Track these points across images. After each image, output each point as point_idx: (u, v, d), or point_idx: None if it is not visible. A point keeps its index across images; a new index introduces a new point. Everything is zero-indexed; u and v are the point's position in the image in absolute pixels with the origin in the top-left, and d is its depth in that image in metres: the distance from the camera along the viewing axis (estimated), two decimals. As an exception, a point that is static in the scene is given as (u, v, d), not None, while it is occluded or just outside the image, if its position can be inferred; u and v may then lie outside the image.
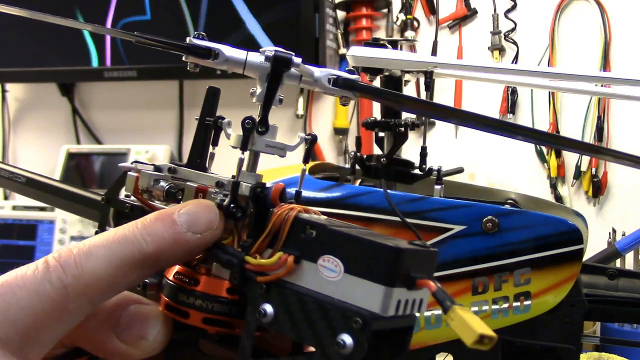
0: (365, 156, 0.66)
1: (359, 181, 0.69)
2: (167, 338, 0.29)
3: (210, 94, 0.32)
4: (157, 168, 0.32)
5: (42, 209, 1.41)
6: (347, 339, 0.25)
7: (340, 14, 1.45)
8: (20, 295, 0.25)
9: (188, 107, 1.63)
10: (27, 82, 1.73)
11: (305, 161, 0.32)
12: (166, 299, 0.30)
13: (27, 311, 0.24)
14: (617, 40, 1.29)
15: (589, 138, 1.30)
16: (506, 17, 1.36)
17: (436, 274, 0.56)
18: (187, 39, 0.31)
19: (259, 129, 0.31)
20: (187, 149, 1.82)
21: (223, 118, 0.32)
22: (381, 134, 0.67)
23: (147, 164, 0.33)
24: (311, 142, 0.32)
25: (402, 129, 0.65)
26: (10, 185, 0.67)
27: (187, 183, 0.31)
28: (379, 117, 0.67)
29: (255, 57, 0.32)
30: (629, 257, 1.14)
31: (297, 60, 0.31)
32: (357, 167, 0.66)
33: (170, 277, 0.30)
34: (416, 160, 0.65)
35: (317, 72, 0.33)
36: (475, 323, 0.23)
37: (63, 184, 0.63)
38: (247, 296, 0.28)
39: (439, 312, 0.58)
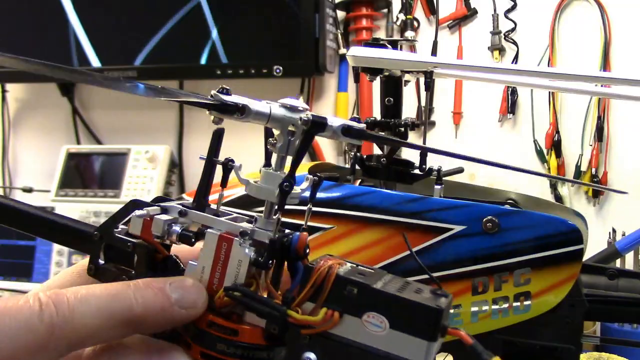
0: (365, 156, 0.66)
1: (359, 181, 0.69)
2: None
3: (215, 136, 0.33)
4: (164, 209, 0.33)
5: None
6: None
7: (340, 14, 1.45)
8: (9, 325, 0.25)
9: (188, 107, 1.63)
10: (27, 82, 1.73)
11: (311, 199, 0.34)
12: (204, 349, 0.30)
13: (12, 341, 0.25)
14: (617, 40, 1.29)
15: (589, 138, 1.30)
16: (506, 17, 1.36)
17: (436, 274, 0.56)
18: (212, 93, 0.32)
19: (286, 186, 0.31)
20: (187, 149, 1.83)
21: (232, 161, 0.33)
22: (381, 134, 0.67)
23: (152, 205, 0.33)
24: (315, 185, 0.34)
25: (402, 129, 0.65)
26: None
27: (208, 230, 0.31)
28: (379, 117, 0.67)
29: (277, 110, 0.32)
30: (629, 257, 1.14)
31: (335, 123, 0.33)
32: (357, 167, 0.66)
33: (205, 327, 0.31)
34: (416, 160, 0.65)
35: (332, 121, 0.33)
36: None
37: (53, 216, 0.62)
38: (287, 344, 0.30)
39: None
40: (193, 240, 0.32)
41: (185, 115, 1.64)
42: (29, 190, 1.59)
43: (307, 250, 0.32)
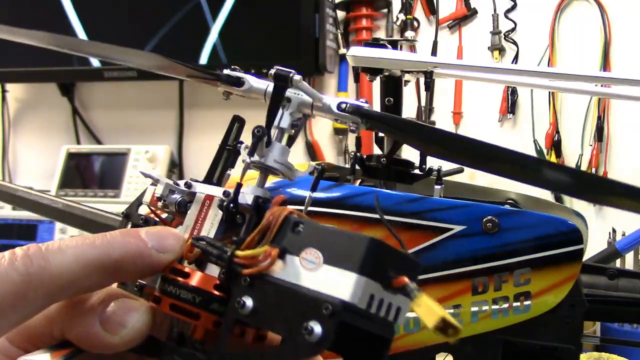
0: (365, 156, 0.66)
1: (359, 181, 0.69)
2: (146, 329, 0.29)
3: (233, 121, 0.34)
4: (176, 183, 0.34)
5: (42, 209, 1.41)
6: (315, 325, 0.24)
7: (340, 14, 1.45)
8: None
9: (188, 107, 1.63)
10: (27, 82, 1.73)
11: (313, 190, 0.33)
12: (155, 291, 0.30)
13: None
14: (617, 40, 1.29)
15: (589, 138, 1.30)
16: (506, 17, 1.36)
17: (436, 274, 0.56)
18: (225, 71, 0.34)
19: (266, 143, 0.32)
20: (187, 149, 1.83)
21: (242, 142, 0.33)
22: (381, 134, 0.67)
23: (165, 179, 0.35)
24: (320, 172, 0.33)
25: (402, 129, 0.65)
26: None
27: (197, 192, 0.32)
28: (379, 117, 0.67)
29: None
30: (629, 257, 1.14)
31: (297, 77, 0.33)
32: (357, 167, 0.66)
33: (167, 272, 0.30)
34: (416, 160, 0.65)
35: (327, 99, 0.34)
36: (439, 309, 0.24)
37: (82, 206, 0.69)
38: (232, 292, 0.28)
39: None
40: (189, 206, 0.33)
41: (185, 115, 1.64)
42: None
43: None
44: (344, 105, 0.35)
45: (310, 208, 0.31)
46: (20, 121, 1.80)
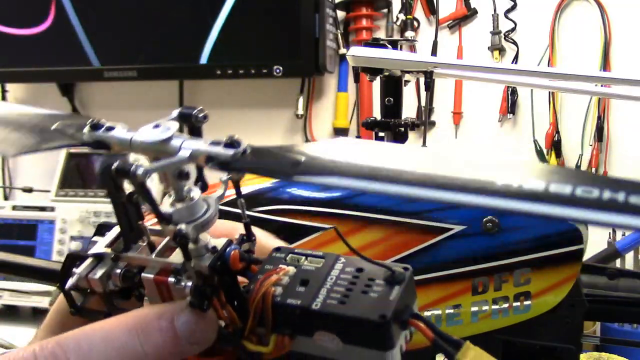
0: (365, 156, 0.66)
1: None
2: None
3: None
4: (99, 258, 0.30)
5: (42, 209, 1.41)
6: None
7: (340, 14, 1.45)
8: None
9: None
10: (27, 82, 1.73)
11: (238, 197, 0.31)
12: None
13: None
14: (617, 40, 1.29)
15: (589, 138, 1.30)
16: (506, 17, 1.36)
17: (436, 274, 0.56)
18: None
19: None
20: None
21: (133, 194, 0.29)
22: (381, 134, 0.67)
23: (86, 257, 0.31)
24: (236, 182, 0.30)
25: (402, 129, 0.65)
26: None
27: (143, 274, 0.29)
28: (379, 117, 0.67)
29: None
30: (629, 257, 1.14)
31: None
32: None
33: None
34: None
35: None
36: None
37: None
38: None
39: (439, 312, 0.58)
40: (137, 281, 0.30)
41: (185, 115, 1.65)
42: (29, 190, 1.59)
43: (247, 261, 0.29)
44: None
45: (310, 208, 0.31)
46: (20, 121, 1.80)
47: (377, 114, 0.69)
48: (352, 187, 0.22)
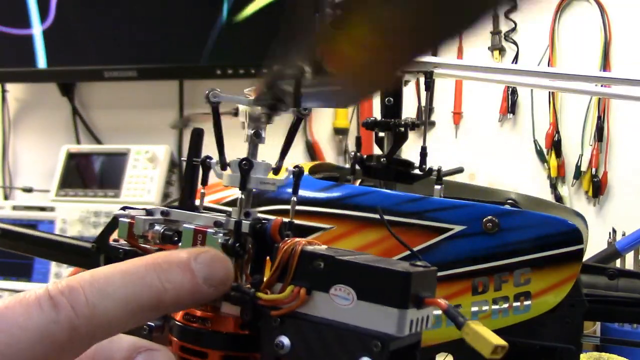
0: (365, 156, 0.66)
1: (359, 181, 0.69)
2: None
3: (194, 135, 0.34)
4: (149, 212, 0.32)
5: (42, 209, 1.41)
6: None
7: (340, 14, 1.45)
8: (20, 337, 0.22)
9: (188, 107, 1.63)
10: (27, 82, 1.73)
11: (294, 194, 0.33)
12: (180, 341, 0.30)
13: (27, 354, 0.22)
14: (617, 40, 1.29)
15: (589, 138, 1.30)
16: (506, 17, 1.36)
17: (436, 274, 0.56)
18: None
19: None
20: (187, 149, 1.84)
21: (211, 158, 0.33)
22: (381, 134, 0.67)
23: (138, 208, 0.33)
24: (297, 175, 0.33)
25: (402, 129, 0.65)
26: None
27: (184, 225, 0.31)
28: (379, 117, 0.67)
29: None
30: (629, 257, 1.14)
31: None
32: (357, 167, 0.66)
33: (179, 319, 0.30)
34: (416, 160, 0.65)
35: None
36: (489, 335, 0.25)
37: (51, 235, 0.62)
38: (261, 330, 0.29)
39: (439, 312, 0.58)
40: (175, 239, 0.31)
41: (185, 115, 1.64)
42: (29, 190, 1.59)
43: (286, 233, 0.31)
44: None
45: (310, 208, 0.31)
46: (20, 121, 1.80)
47: (377, 114, 0.69)
48: None
